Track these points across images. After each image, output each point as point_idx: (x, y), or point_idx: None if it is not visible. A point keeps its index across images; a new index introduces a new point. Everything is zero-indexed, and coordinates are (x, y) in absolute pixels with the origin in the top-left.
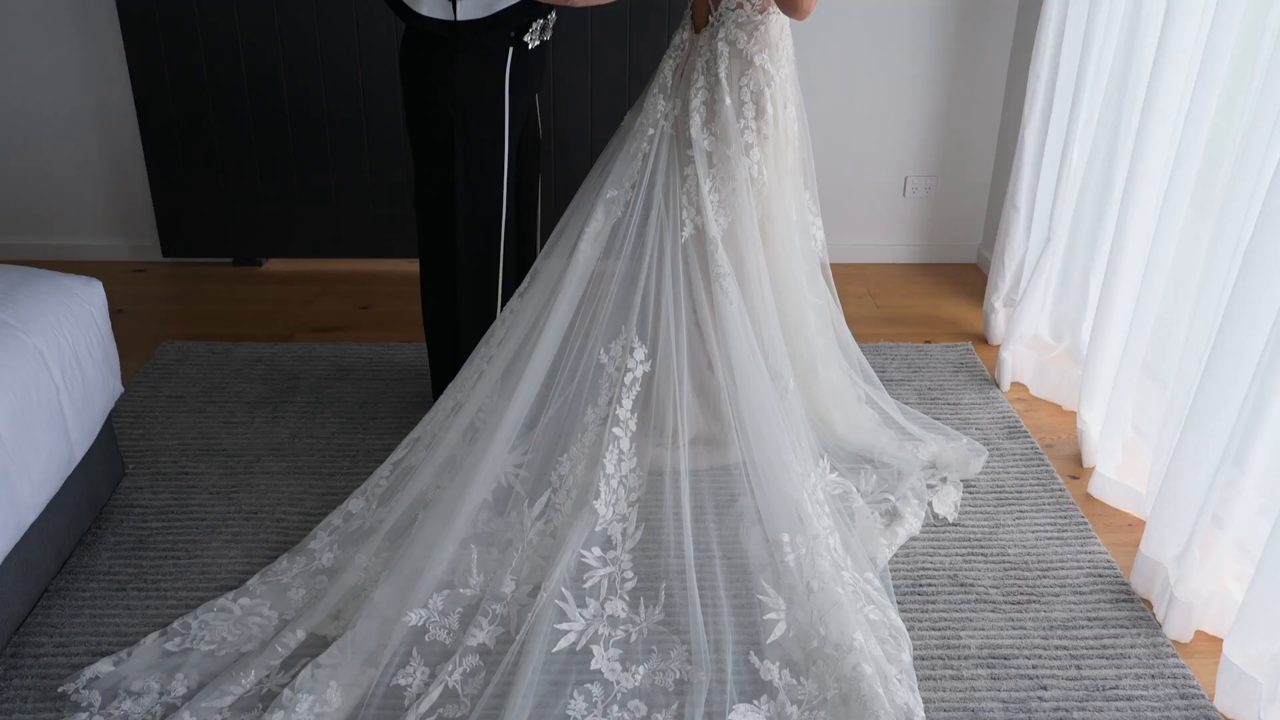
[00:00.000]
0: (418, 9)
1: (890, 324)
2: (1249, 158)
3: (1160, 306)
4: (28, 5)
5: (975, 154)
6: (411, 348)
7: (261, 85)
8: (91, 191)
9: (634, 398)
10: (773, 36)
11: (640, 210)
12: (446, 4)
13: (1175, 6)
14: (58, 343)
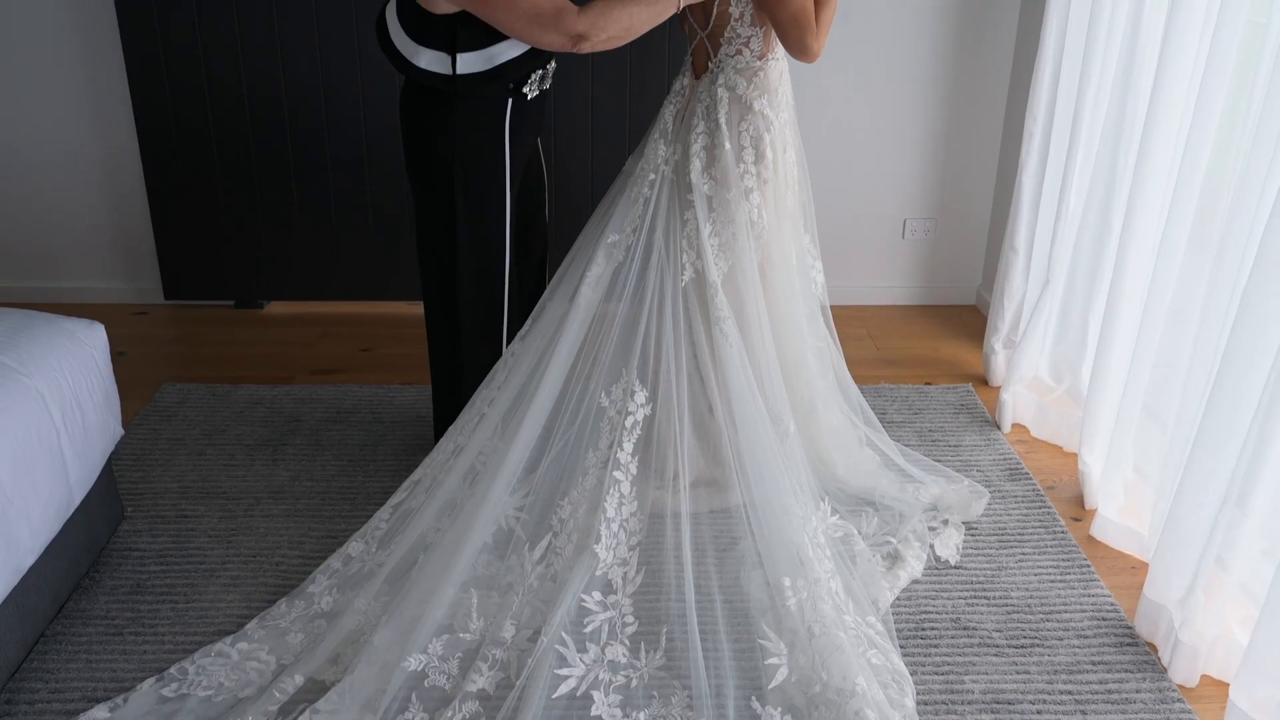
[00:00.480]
0: (416, 62)
1: (890, 365)
2: (1245, 198)
3: (1159, 348)
4: (36, 52)
5: (973, 196)
6: (412, 390)
7: (265, 130)
8: (95, 235)
9: (635, 441)
10: (772, 82)
11: (641, 254)
12: (445, 58)
13: (1169, 49)
14: (59, 385)
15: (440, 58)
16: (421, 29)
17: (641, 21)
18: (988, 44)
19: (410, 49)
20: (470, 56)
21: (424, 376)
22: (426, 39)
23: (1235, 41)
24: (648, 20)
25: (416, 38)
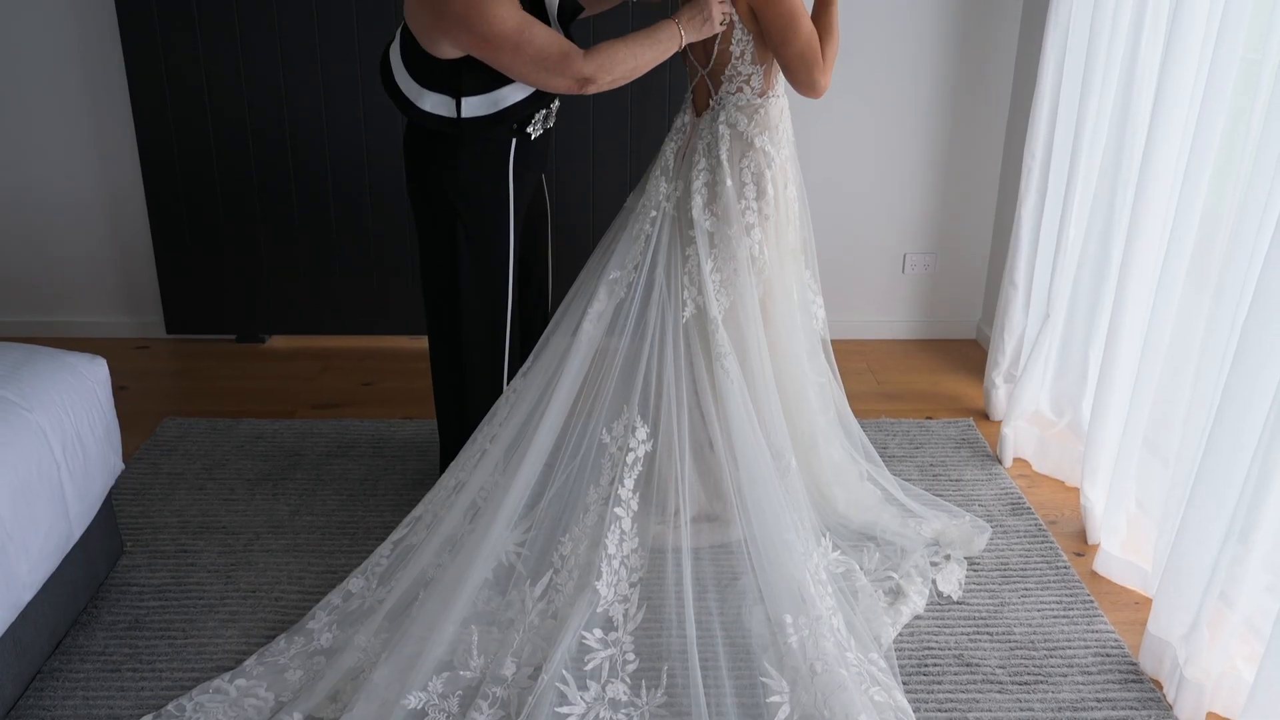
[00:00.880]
0: (420, 105)
1: (891, 400)
2: (1243, 234)
3: (1160, 382)
4: (45, 94)
5: (973, 231)
6: (413, 424)
7: (267, 167)
8: (98, 270)
9: (636, 477)
10: (772, 119)
11: (642, 290)
12: (449, 101)
13: (1165, 85)
14: (60, 420)
15: (444, 101)
16: (426, 72)
17: (646, 61)
18: (986, 79)
19: (414, 91)
20: (475, 100)
21: (425, 411)
22: (431, 82)
23: (1230, 78)
24: (652, 60)
25: (420, 80)
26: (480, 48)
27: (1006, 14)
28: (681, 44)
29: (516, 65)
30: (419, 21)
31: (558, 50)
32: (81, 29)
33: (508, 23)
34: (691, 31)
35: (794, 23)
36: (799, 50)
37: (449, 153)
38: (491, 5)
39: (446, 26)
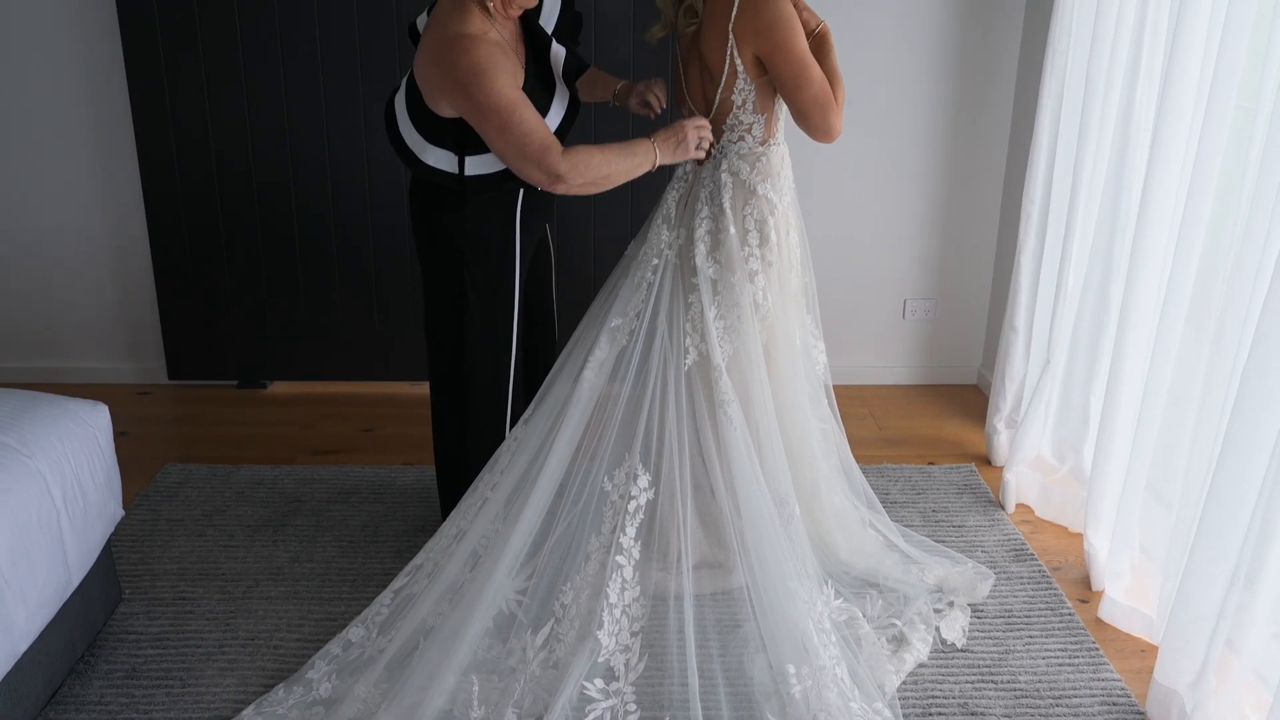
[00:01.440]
0: (424, 159)
1: (893, 445)
2: (1240, 280)
3: (1161, 427)
4: (54, 142)
5: (972, 277)
6: (413, 471)
7: (271, 215)
8: (102, 317)
9: (638, 525)
10: (774, 166)
11: (644, 338)
12: (453, 158)
13: (1162, 132)
14: (61, 467)
15: (448, 157)
16: (431, 126)
17: (619, 172)
18: (984, 126)
19: (419, 145)
20: (479, 159)
21: (425, 457)
22: (435, 137)
23: (1225, 126)
24: (625, 172)
25: (425, 134)
26: (472, 114)
27: (1003, 62)
28: (654, 165)
29: (499, 142)
30: (427, 78)
31: (539, 141)
32: (90, 80)
33: (503, 99)
34: (665, 154)
35: (805, 70)
36: (813, 96)
37: (456, 202)
38: (493, 79)
39: (448, 87)
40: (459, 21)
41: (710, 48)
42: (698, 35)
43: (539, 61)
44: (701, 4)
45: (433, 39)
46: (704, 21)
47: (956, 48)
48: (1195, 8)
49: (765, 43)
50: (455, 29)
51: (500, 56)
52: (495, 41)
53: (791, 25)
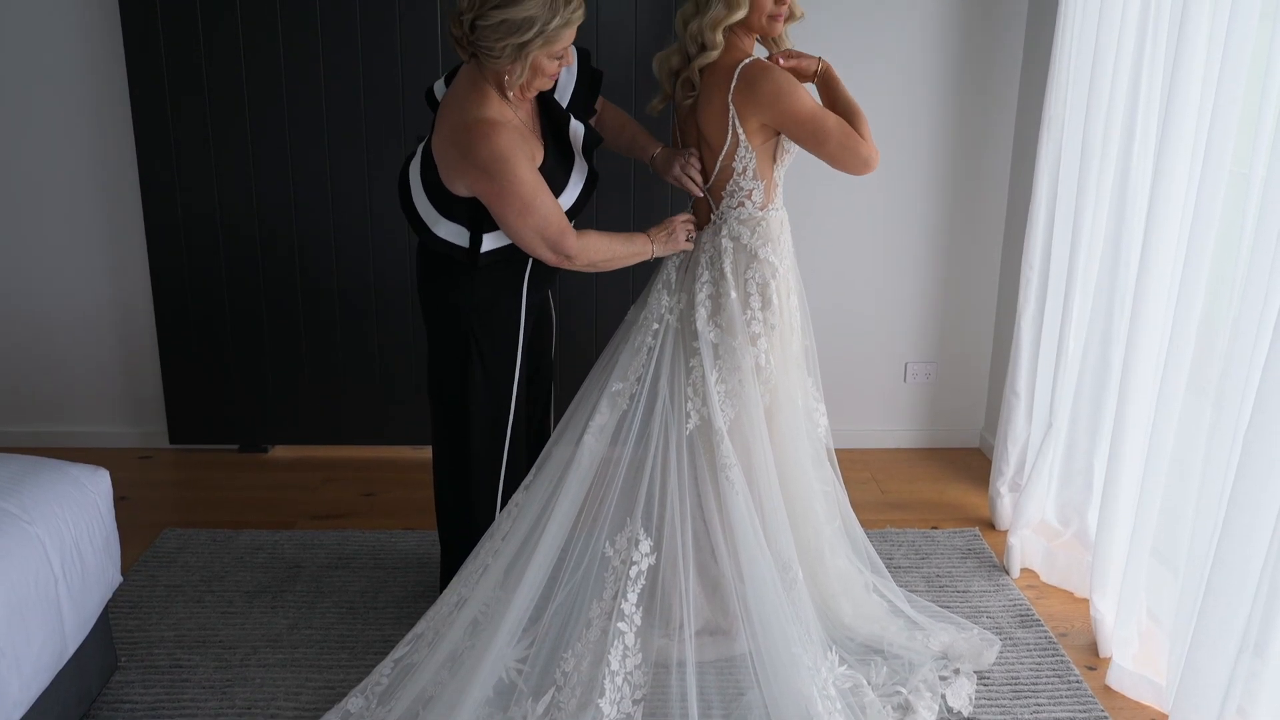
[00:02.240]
0: (435, 230)
1: (896, 509)
2: (1240, 344)
3: (1165, 491)
4: (61, 208)
5: (973, 340)
6: (414, 535)
7: (275, 281)
8: (105, 382)
9: (639, 591)
10: (774, 231)
11: (645, 402)
12: (464, 232)
13: (1159, 197)
14: (60, 533)
15: (460, 231)
16: (445, 200)
17: (619, 258)
18: (983, 189)
19: (431, 216)
20: (494, 235)
21: (426, 522)
22: (449, 211)
23: (1220, 190)
24: (624, 259)
25: (439, 207)
26: (491, 199)
27: (1001, 125)
28: (651, 255)
29: (516, 225)
30: (445, 159)
31: (557, 225)
32: (99, 148)
33: (524, 186)
34: (659, 246)
35: (818, 126)
36: (836, 144)
37: (464, 270)
38: (514, 165)
39: (467, 169)
40: (478, 105)
41: (709, 118)
42: (695, 106)
43: (558, 137)
44: (699, 76)
45: (452, 122)
46: (701, 93)
47: (954, 110)
48: (1188, 74)
49: (771, 113)
50: (475, 113)
51: (520, 141)
52: (514, 126)
53: (792, 92)
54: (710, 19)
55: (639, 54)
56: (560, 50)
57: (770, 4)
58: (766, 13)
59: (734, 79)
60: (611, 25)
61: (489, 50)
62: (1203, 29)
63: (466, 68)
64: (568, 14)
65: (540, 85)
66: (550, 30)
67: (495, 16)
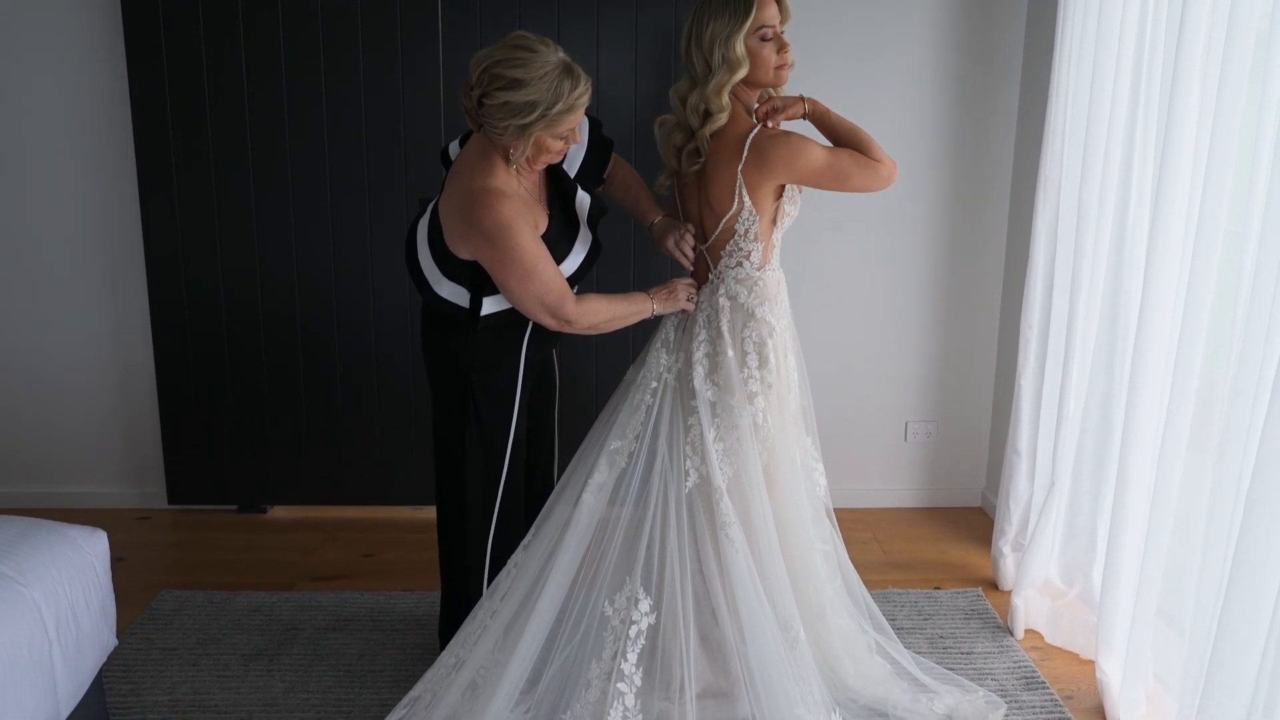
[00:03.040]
0: (437, 290)
1: (898, 570)
2: (1239, 404)
3: (1169, 551)
4: (65, 273)
5: (973, 399)
6: (412, 597)
7: (276, 343)
8: (104, 443)
9: (639, 651)
10: (771, 291)
11: (644, 460)
12: (465, 294)
13: (1155, 257)
14: (55, 596)
15: (461, 292)
16: (448, 262)
17: (619, 318)
18: (980, 248)
19: (434, 276)
20: (492, 299)
21: (425, 583)
22: (452, 272)
23: (1216, 249)
24: (625, 317)
25: (443, 267)
26: (493, 265)
27: (998, 185)
28: (651, 314)
29: (517, 290)
30: (450, 223)
31: (558, 292)
32: (103, 211)
33: (526, 254)
34: (659, 304)
35: (836, 169)
36: (858, 178)
37: (465, 328)
38: (517, 234)
39: (470, 235)
40: (484, 174)
41: (717, 187)
42: (701, 172)
43: (564, 205)
44: (706, 144)
45: (459, 187)
46: (709, 161)
47: (951, 169)
48: (1181, 134)
49: (788, 175)
50: (481, 181)
51: (523, 210)
52: (519, 196)
53: (805, 150)
54: (715, 85)
55: (638, 118)
56: (564, 131)
57: (773, 55)
58: (772, 65)
59: (745, 151)
60: (611, 89)
61: (493, 127)
62: (1194, 89)
63: (479, 134)
64: (570, 100)
65: (546, 161)
66: (552, 115)
67: (499, 98)
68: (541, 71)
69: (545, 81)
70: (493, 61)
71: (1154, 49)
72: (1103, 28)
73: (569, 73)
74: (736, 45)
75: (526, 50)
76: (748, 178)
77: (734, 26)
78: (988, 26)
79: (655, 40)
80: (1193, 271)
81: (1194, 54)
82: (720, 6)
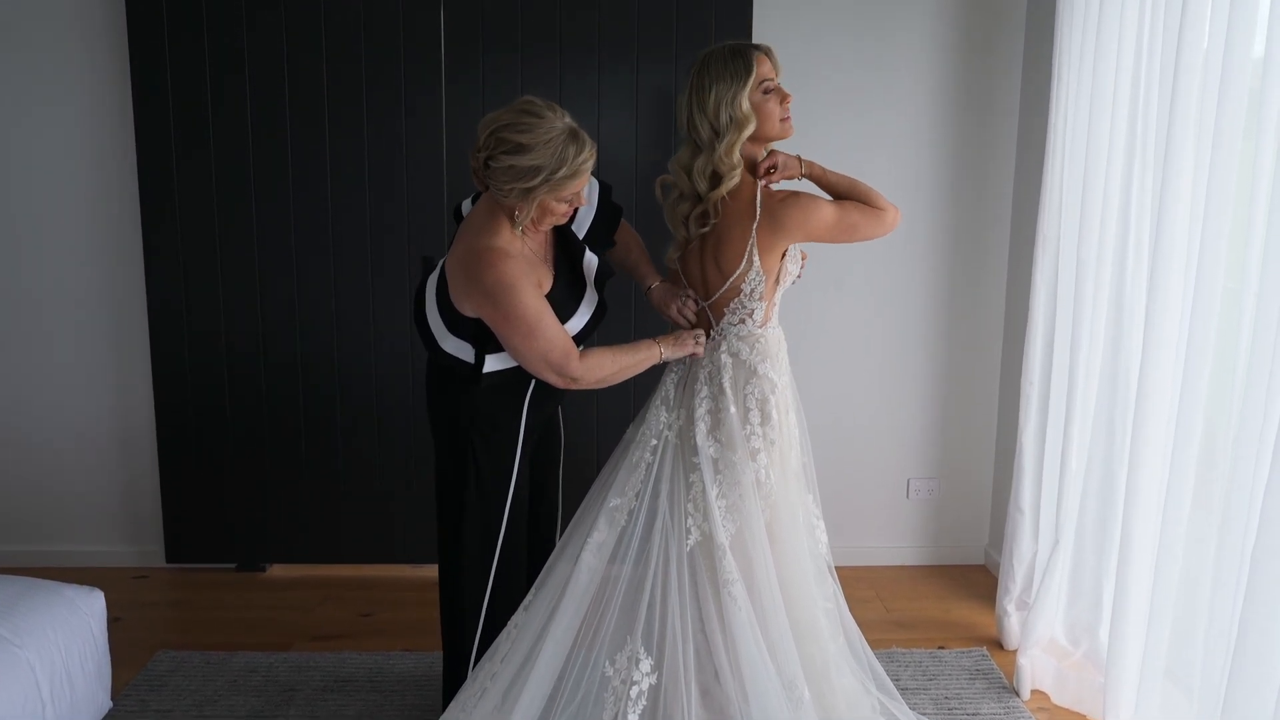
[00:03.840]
0: (443, 345)
1: (901, 629)
2: (1242, 461)
3: (1176, 610)
4: (68, 330)
5: (975, 456)
6: (411, 657)
7: (277, 401)
8: (103, 500)
9: (640, 712)
10: (772, 348)
11: (645, 518)
12: (470, 350)
13: (1154, 314)
14: (51, 657)
15: (466, 349)
16: (453, 319)
17: (627, 367)
18: (980, 305)
19: (440, 332)
20: (497, 357)
21: (424, 642)
22: (457, 329)
23: (1215, 306)
24: (633, 367)
25: (449, 324)
26: (496, 322)
27: (997, 244)
28: (660, 359)
29: (522, 348)
30: (454, 278)
31: (562, 349)
32: (107, 268)
33: (528, 311)
34: (668, 349)
35: (845, 224)
36: (865, 229)
37: (468, 385)
38: (519, 292)
39: (473, 293)
40: (490, 233)
41: (727, 247)
42: (710, 235)
43: (571, 265)
44: (718, 208)
45: (464, 246)
46: (721, 223)
47: (950, 226)
48: (1176, 192)
49: (801, 234)
50: (485, 240)
51: (526, 269)
52: (523, 255)
53: (816, 210)
54: (726, 145)
55: (638, 173)
56: (569, 195)
57: (777, 108)
58: (778, 117)
59: (756, 211)
60: (611, 146)
61: (499, 189)
62: (1189, 147)
63: (487, 194)
64: (574, 165)
65: (551, 222)
66: (556, 179)
67: (505, 161)
68: (547, 137)
69: (550, 147)
70: (500, 125)
71: (1148, 106)
72: (1098, 84)
73: (574, 138)
74: (742, 103)
75: (533, 115)
76: (761, 239)
77: (738, 86)
78: (984, 81)
79: (655, 98)
80: (1192, 327)
81: (1188, 111)
82: (720, 70)
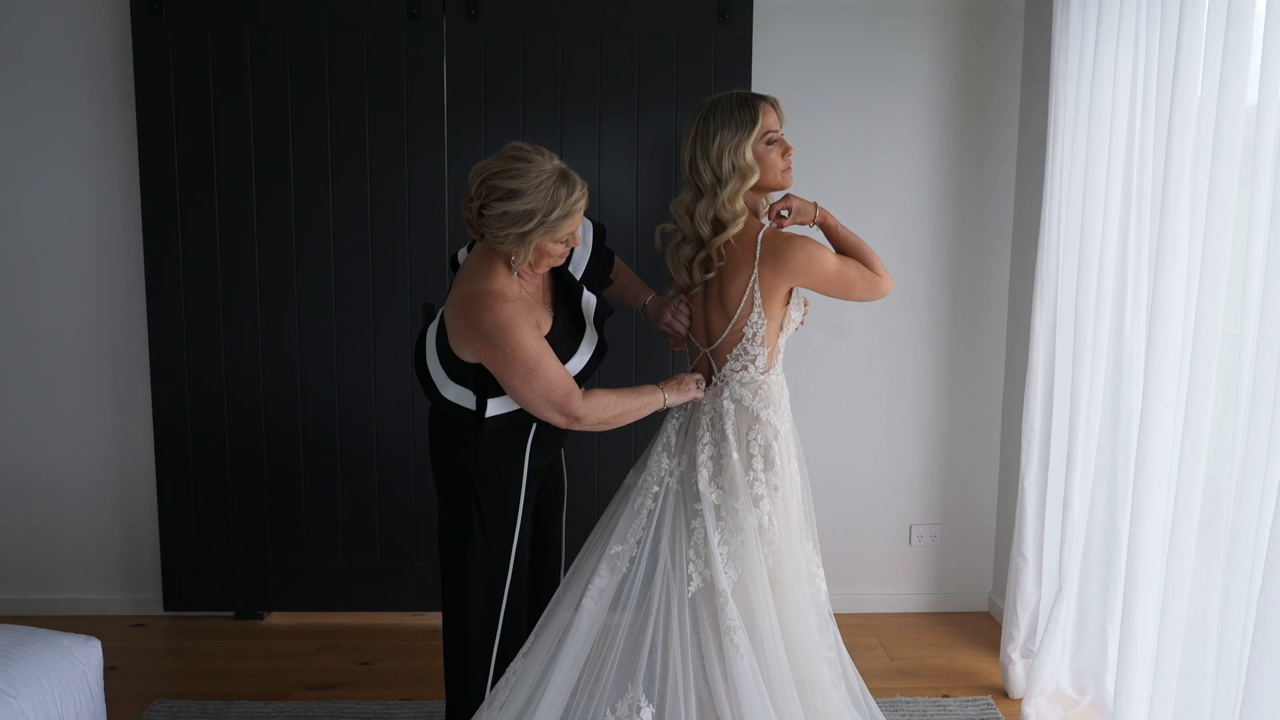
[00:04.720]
0: (444, 393)
1: (905, 677)
2: (1246, 505)
3: (1182, 656)
4: (69, 379)
5: (978, 502)
6: (411, 706)
7: (278, 450)
8: (102, 547)
9: None
10: (774, 394)
11: (646, 565)
12: (471, 396)
13: (1154, 360)
14: (46, 708)
15: (467, 395)
16: (454, 366)
17: (630, 411)
18: (980, 352)
19: (441, 379)
20: (499, 400)
21: (424, 692)
22: (458, 375)
23: (1215, 351)
24: (636, 411)
25: (449, 371)
26: (496, 365)
27: (996, 291)
28: (663, 404)
29: (523, 390)
30: (453, 324)
31: (563, 389)
32: (109, 319)
33: (528, 352)
34: (671, 394)
35: (844, 279)
36: (861, 289)
37: (471, 432)
38: (519, 332)
39: (472, 337)
40: (485, 277)
41: (730, 289)
42: (715, 280)
43: (570, 306)
44: (721, 253)
45: (461, 291)
46: (725, 267)
47: (950, 273)
48: (1174, 238)
49: (804, 279)
50: (481, 285)
51: (524, 311)
52: (520, 298)
53: (820, 257)
54: (729, 193)
55: (639, 218)
56: (564, 236)
57: (779, 159)
58: (779, 168)
59: (759, 249)
60: (612, 193)
61: (494, 236)
62: (1185, 194)
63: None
64: (567, 206)
65: (548, 264)
66: (550, 221)
67: (498, 208)
68: (537, 180)
69: (542, 190)
70: (490, 173)
71: (1144, 155)
72: (1093, 133)
73: (565, 179)
74: (746, 153)
75: (522, 160)
76: (763, 278)
77: (742, 136)
78: (981, 129)
79: (655, 147)
80: (1193, 371)
81: (1183, 159)
82: (726, 118)
